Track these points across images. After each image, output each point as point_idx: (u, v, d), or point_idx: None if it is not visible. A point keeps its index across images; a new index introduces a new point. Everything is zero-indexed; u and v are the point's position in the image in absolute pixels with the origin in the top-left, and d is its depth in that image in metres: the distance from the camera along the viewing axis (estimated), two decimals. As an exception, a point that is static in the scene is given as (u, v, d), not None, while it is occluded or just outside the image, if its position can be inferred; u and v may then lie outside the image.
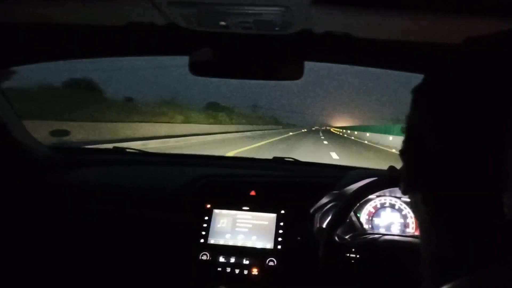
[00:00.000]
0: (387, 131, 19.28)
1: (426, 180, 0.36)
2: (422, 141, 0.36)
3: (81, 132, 9.37)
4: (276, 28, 0.86)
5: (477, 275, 0.28)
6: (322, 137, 27.68)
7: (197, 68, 1.02)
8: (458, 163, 0.32)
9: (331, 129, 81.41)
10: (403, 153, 0.40)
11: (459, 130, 0.32)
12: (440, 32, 0.75)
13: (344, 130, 56.08)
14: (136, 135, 11.76)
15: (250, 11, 0.78)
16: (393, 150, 12.75)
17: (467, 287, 0.29)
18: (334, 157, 10.40)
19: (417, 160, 0.37)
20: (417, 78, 0.40)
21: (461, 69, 0.34)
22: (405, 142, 0.40)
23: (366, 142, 21.07)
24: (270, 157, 1.71)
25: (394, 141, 15.31)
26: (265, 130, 36.31)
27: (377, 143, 18.41)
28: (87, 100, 13.95)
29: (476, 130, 0.31)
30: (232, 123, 30.97)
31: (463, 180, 0.32)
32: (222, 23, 0.85)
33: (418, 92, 0.38)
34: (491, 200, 0.29)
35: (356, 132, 35.31)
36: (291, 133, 32.56)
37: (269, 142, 16.84)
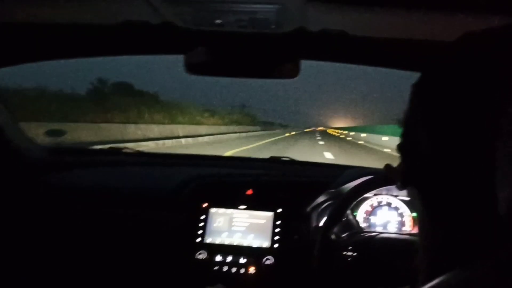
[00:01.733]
0: (381, 132, 19.88)
1: (420, 175, 0.37)
2: (416, 137, 0.36)
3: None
4: (272, 26, 0.86)
5: (467, 268, 0.28)
6: (319, 137, 27.43)
7: (192, 67, 1.02)
8: (450, 161, 0.32)
9: (328, 130, 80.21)
10: (400, 147, 0.40)
11: (451, 129, 0.32)
12: (436, 29, 0.76)
13: (341, 131, 55.92)
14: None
15: (245, 9, 0.78)
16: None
17: (454, 282, 0.29)
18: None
19: (411, 155, 0.37)
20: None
21: (454, 67, 0.33)
22: (401, 137, 0.40)
23: (361, 142, 21.58)
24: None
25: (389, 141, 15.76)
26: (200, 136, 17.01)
27: (375, 144, 18.93)
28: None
29: (468, 128, 0.30)
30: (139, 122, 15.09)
31: (456, 177, 0.32)
32: (218, 21, 0.85)
33: (414, 88, 0.38)
34: (485, 196, 0.29)
35: (353, 133, 35.60)
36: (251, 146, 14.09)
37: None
